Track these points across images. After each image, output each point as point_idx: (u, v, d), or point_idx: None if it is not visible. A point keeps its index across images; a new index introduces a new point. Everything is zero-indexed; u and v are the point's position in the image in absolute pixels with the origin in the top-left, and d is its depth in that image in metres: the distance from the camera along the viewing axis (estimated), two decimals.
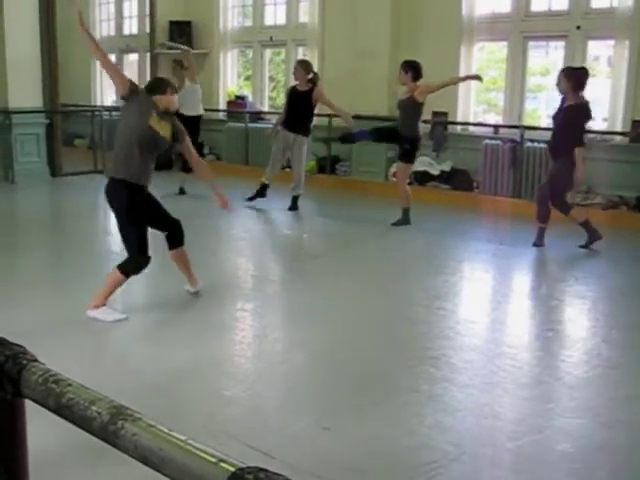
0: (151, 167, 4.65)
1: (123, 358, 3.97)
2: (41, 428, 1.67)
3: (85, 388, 0.99)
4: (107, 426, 0.92)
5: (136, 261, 4.50)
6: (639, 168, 7.72)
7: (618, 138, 8.25)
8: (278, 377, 3.84)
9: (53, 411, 1.00)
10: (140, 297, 5.41)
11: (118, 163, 4.55)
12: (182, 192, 9.27)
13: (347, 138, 8.23)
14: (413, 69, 7.37)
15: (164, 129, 4.59)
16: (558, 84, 6.47)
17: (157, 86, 4.67)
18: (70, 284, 5.33)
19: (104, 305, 4.51)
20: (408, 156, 7.55)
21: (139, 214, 4.52)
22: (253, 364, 4.08)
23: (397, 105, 7.72)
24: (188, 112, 8.97)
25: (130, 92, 4.52)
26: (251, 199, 8.39)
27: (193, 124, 8.79)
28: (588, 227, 6.45)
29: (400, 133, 7.48)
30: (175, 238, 4.82)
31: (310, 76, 8.14)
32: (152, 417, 0.95)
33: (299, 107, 8.10)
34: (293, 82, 8.61)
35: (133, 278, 4.59)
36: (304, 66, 8.28)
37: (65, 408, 0.97)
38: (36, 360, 1.09)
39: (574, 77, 6.35)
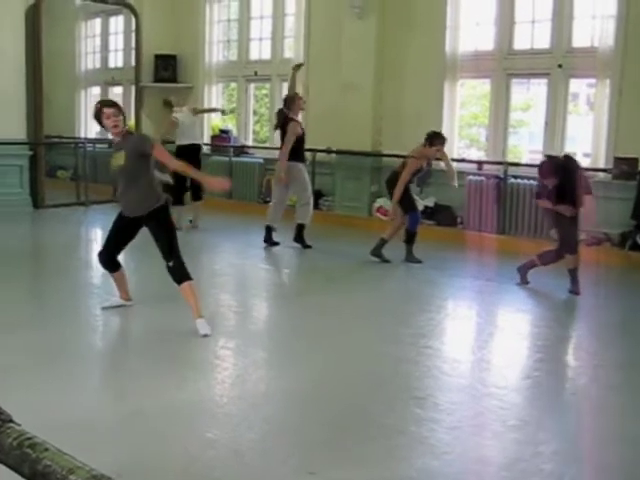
0: (130, 197, 5.08)
1: (102, 398, 3.87)
2: None
3: (63, 454, 0.93)
4: None
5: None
6: (622, 205, 7.77)
7: (601, 175, 8.30)
8: (262, 418, 3.75)
9: (27, 478, 0.93)
10: (120, 333, 5.32)
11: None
12: (193, 226, 9.24)
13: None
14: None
15: (118, 159, 4.98)
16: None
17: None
18: (51, 320, 5.21)
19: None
20: None
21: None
22: (236, 405, 3.98)
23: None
24: (185, 141, 9.08)
25: None
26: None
27: (192, 154, 8.82)
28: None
29: None
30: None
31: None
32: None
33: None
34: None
35: (111, 310, 4.46)
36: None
37: (41, 476, 0.90)
38: (11, 420, 1.02)
39: None
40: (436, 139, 7.42)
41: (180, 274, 4.93)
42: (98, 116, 4.97)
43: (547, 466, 3.19)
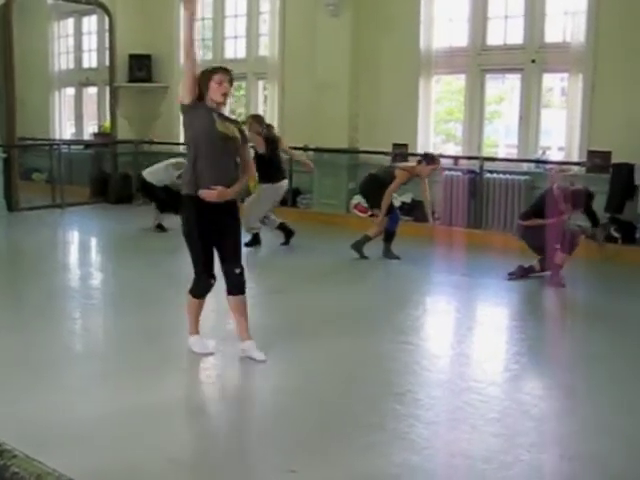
0: (228, 177, 4.26)
1: (80, 400, 3.83)
2: None
3: (31, 460, 0.92)
4: None
5: (196, 281, 4.38)
6: (596, 198, 7.81)
7: (575, 168, 8.38)
8: (241, 418, 3.75)
9: None
10: (99, 333, 5.28)
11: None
12: (161, 228, 9.07)
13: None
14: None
15: (229, 128, 4.27)
16: None
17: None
18: (29, 324, 5.16)
19: (196, 333, 4.50)
20: None
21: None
22: (215, 404, 3.98)
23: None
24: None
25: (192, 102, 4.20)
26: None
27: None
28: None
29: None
30: (227, 283, 4.40)
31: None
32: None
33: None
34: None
35: (89, 313, 4.45)
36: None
37: None
38: None
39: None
40: (434, 160, 7.61)
41: (244, 282, 4.41)
42: (205, 82, 4.16)
43: (525, 457, 3.22)
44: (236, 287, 4.36)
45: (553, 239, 6.36)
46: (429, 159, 7.60)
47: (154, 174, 8.98)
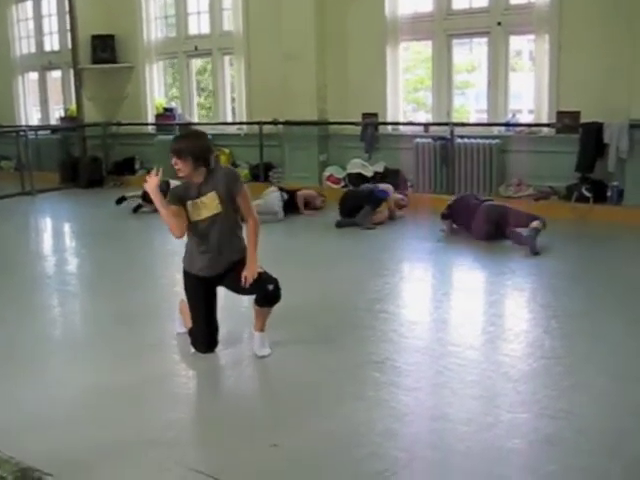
0: (225, 252, 4.07)
1: (57, 382, 3.80)
2: None
3: None
4: None
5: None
6: (566, 158, 7.88)
7: (545, 130, 8.41)
8: (222, 395, 3.75)
9: None
10: (77, 319, 5.24)
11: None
12: (121, 201, 9.35)
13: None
14: None
15: (207, 206, 3.95)
16: None
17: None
18: (5, 312, 5.10)
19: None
20: None
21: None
22: (195, 383, 3.97)
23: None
24: None
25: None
26: None
27: None
28: None
29: None
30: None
31: None
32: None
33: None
34: None
35: (66, 300, 4.36)
36: None
37: None
38: None
39: None
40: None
41: (279, 295, 4.03)
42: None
43: (505, 417, 3.25)
44: (268, 301, 4.05)
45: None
46: (395, 186, 8.38)
47: None
